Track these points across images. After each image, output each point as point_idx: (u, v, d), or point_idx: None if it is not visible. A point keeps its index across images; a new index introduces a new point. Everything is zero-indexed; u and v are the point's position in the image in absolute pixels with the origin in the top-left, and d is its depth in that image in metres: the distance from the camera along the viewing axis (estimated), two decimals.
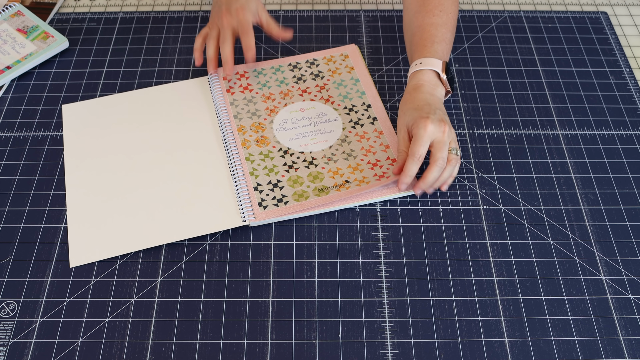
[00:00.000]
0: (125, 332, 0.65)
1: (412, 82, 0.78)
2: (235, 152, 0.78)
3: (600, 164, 0.79)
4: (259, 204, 0.73)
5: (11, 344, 0.64)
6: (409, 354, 0.64)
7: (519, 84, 0.88)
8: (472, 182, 0.77)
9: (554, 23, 0.96)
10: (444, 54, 0.79)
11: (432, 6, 0.81)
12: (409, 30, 0.84)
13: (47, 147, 0.81)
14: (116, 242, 0.71)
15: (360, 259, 0.70)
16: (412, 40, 0.82)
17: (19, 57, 0.89)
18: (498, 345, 0.64)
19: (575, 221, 0.73)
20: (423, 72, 0.77)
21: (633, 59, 0.92)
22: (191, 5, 0.99)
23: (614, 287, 0.68)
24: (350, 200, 0.74)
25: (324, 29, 0.95)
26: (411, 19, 0.83)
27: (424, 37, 0.80)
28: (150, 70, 0.89)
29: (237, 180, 0.75)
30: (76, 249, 0.70)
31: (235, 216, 0.72)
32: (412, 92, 0.76)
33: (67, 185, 0.76)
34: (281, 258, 0.70)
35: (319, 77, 0.87)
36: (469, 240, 0.72)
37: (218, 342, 0.64)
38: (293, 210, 0.73)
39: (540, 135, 0.82)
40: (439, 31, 0.80)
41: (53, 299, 0.67)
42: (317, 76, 0.87)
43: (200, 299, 0.67)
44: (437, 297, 0.67)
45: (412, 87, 0.77)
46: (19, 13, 0.94)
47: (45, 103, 0.85)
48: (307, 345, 0.64)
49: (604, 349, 0.64)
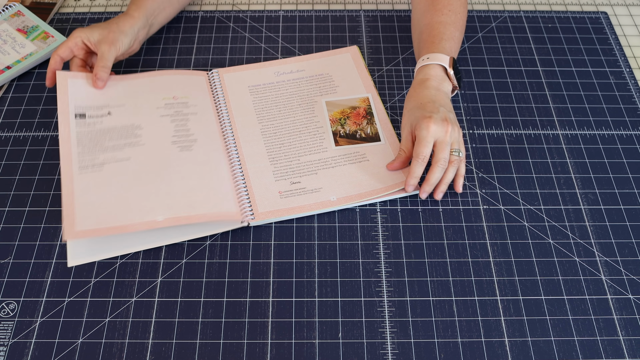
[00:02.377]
0: (125, 332, 0.65)
1: (418, 77, 0.78)
2: (234, 150, 0.78)
3: (600, 164, 0.79)
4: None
5: (11, 344, 0.64)
6: (409, 354, 0.64)
7: (519, 84, 0.88)
8: (472, 182, 0.77)
9: (554, 23, 0.96)
10: (451, 50, 0.79)
11: (441, 5, 0.82)
12: (417, 28, 0.84)
13: (47, 147, 0.81)
14: (114, 243, 0.71)
15: (360, 259, 0.70)
16: (420, 38, 0.82)
17: (19, 57, 0.89)
18: (498, 345, 0.64)
19: (575, 221, 0.73)
20: (430, 67, 0.78)
21: (633, 59, 0.92)
22: (191, 5, 0.99)
23: (614, 287, 0.68)
24: (350, 200, 0.74)
25: (324, 29, 0.95)
26: (420, 18, 0.84)
27: (432, 35, 0.80)
28: (150, 70, 0.89)
29: (237, 180, 0.75)
30: (74, 249, 0.70)
31: (236, 207, 0.72)
32: (418, 88, 0.76)
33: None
34: (281, 258, 0.70)
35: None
36: (469, 240, 0.72)
37: (218, 342, 0.64)
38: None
39: (540, 135, 0.82)
40: (447, 29, 0.80)
41: (53, 299, 0.67)
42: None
43: (200, 299, 0.67)
44: (437, 297, 0.67)
45: (418, 81, 0.77)
46: (19, 13, 0.94)
47: (45, 103, 0.85)
48: (307, 345, 0.64)
49: (604, 349, 0.64)
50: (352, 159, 0.78)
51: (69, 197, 0.70)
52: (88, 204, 0.70)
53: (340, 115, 0.82)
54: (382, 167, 0.76)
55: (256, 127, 0.81)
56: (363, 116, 0.82)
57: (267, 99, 0.85)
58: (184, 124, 0.79)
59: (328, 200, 0.73)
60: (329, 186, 0.75)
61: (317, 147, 0.79)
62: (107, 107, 0.80)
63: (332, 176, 0.76)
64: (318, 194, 0.74)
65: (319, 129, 0.81)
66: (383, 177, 0.76)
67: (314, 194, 0.74)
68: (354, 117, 0.82)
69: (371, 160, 0.77)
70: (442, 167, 0.71)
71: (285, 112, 0.83)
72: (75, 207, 0.69)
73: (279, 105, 0.84)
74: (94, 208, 0.69)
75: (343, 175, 0.76)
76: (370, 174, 0.76)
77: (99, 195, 0.70)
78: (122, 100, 0.81)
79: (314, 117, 0.82)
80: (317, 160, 0.77)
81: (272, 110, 0.83)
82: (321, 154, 0.78)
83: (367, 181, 0.75)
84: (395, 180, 0.75)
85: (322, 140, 0.80)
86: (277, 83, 0.86)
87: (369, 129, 0.80)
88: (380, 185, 0.74)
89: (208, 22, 0.96)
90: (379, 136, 0.79)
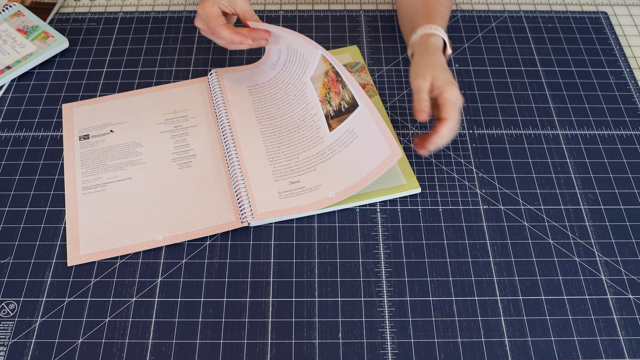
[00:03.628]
0: (125, 332, 0.65)
1: (429, 43, 0.79)
2: (234, 151, 0.78)
3: (600, 164, 0.79)
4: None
5: (11, 344, 0.64)
6: (409, 354, 0.64)
7: (519, 84, 0.88)
8: (472, 182, 0.77)
9: (554, 23, 0.96)
10: (445, 33, 0.81)
11: None
12: (412, 3, 0.86)
13: (47, 147, 0.81)
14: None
15: (360, 259, 0.70)
16: (416, 12, 0.84)
17: (19, 57, 0.89)
18: (498, 345, 0.64)
19: (575, 221, 0.73)
20: (437, 37, 0.79)
21: (633, 59, 0.92)
22: (191, 6, 0.99)
23: (614, 287, 0.68)
24: (350, 200, 0.74)
25: (324, 29, 0.95)
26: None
27: (432, 10, 0.82)
28: (150, 70, 0.89)
29: (236, 181, 0.75)
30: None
31: (234, 217, 0.72)
32: (434, 52, 0.78)
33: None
34: (281, 258, 0.70)
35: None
36: (469, 240, 0.72)
37: (218, 342, 0.64)
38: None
39: (540, 135, 0.82)
40: (443, 10, 0.83)
41: (53, 299, 0.67)
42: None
43: (200, 299, 0.67)
44: (437, 297, 0.67)
45: (433, 47, 0.78)
46: (19, 13, 0.94)
47: (45, 103, 0.86)
48: (307, 345, 0.64)
49: (604, 349, 0.64)
50: (345, 141, 0.76)
51: (73, 221, 0.72)
52: (91, 226, 0.72)
53: (325, 91, 0.80)
54: (369, 142, 0.74)
55: (255, 127, 0.81)
56: (336, 80, 0.79)
57: (266, 97, 0.85)
58: (183, 139, 0.81)
59: (327, 197, 0.73)
60: (327, 182, 0.75)
61: (314, 140, 0.79)
62: (109, 125, 0.82)
63: (330, 169, 0.76)
64: (317, 192, 0.74)
65: (314, 117, 0.80)
66: (371, 155, 0.74)
67: (313, 192, 0.74)
68: (332, 85, 0.79)
69: (360, 135, 0.75)
70: (457, 126, 0.74)
71: (284, 108, 0.83)
72: (79, 230, 0.72)
73: (277, 102, 0.84)
74: (96, 231, 0.72)
75: (340, 164, 0.75)
76: (362, 154, 0.74)
77: (101, 217, 0.73)
78: (124, 117, 0.83)
79: (308, 104, 0.81)
80: (315, 155, 0.77)
81: (271, 109, 0.83)
82: (318, 147, 0.78)
83: (360, 165, 0.74)
84: (383, 156, 0.73)
85: (318, 130, 0.79)
86: (275, 77, 0.86)
87: (346, 94, 0.78)
88: (372, 167, 0.73)
89: None
90: (355, 99, 0.76)
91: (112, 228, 0.72)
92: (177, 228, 0.72)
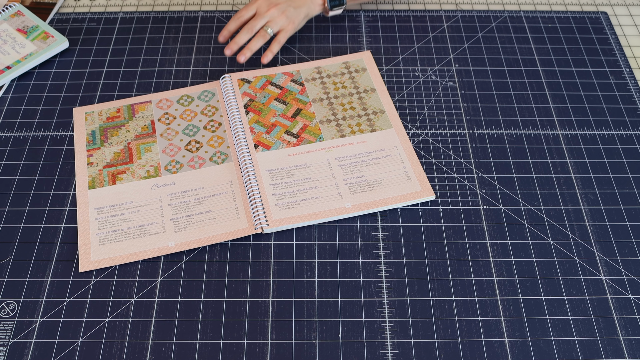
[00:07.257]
0: (125, 332, 0.65)
1: None
2: (248, 158, 0.77)
3: (600, 164, 0.79)
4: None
5: (11, 344, 0.64)
6: (409, 354, 0.64)
7: (519, 84, 0.88)
8: (472, 182, 0.77)
9: (554, 23, 0.96)
10: None
11: None
12: None
13: (47, 147, 0.81)
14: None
15: (360, 259, 0.70)
16: None
17: (19, 57, 0.89)
18: (498, 345, 0.64)
19: (575, 221, 0.73)
20: None
21: (633, 59, 0.92)
22: (191, 5, 0.99)
23: (614, 287, 0.68)
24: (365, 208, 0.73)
25: (324, 29, 0.95)
26: None
27: None
28: (150, 70, 0.89)
29: (250, 186, 0.74)
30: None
31: (247, 223, 0.72)
32: None
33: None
34: (281, 258, 0.70)
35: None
36: (469, 240, 0.72)
37: (218, 342, 0.64)
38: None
39: (540, 135, 0.82)
40: None
41: (53, 299, 0.67)
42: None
43: (200, 299, 0.67)
44: (437, 297, 0.67)
45: None
46: (19, 13, 0.94)
47: (45, 103, 0.86)
48: (307, 345, 0.64)
49: (604, 349, 0.64)
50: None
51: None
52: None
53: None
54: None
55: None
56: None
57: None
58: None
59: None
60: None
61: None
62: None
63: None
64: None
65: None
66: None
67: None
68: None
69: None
70: (248, 33, 0.85)
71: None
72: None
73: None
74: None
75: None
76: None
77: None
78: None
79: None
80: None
81: None
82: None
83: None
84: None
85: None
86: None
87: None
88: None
89: (208, 22, 0.96)
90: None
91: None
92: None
